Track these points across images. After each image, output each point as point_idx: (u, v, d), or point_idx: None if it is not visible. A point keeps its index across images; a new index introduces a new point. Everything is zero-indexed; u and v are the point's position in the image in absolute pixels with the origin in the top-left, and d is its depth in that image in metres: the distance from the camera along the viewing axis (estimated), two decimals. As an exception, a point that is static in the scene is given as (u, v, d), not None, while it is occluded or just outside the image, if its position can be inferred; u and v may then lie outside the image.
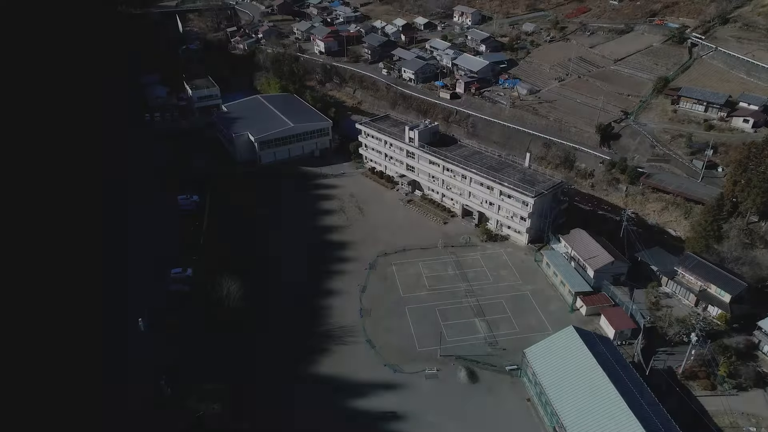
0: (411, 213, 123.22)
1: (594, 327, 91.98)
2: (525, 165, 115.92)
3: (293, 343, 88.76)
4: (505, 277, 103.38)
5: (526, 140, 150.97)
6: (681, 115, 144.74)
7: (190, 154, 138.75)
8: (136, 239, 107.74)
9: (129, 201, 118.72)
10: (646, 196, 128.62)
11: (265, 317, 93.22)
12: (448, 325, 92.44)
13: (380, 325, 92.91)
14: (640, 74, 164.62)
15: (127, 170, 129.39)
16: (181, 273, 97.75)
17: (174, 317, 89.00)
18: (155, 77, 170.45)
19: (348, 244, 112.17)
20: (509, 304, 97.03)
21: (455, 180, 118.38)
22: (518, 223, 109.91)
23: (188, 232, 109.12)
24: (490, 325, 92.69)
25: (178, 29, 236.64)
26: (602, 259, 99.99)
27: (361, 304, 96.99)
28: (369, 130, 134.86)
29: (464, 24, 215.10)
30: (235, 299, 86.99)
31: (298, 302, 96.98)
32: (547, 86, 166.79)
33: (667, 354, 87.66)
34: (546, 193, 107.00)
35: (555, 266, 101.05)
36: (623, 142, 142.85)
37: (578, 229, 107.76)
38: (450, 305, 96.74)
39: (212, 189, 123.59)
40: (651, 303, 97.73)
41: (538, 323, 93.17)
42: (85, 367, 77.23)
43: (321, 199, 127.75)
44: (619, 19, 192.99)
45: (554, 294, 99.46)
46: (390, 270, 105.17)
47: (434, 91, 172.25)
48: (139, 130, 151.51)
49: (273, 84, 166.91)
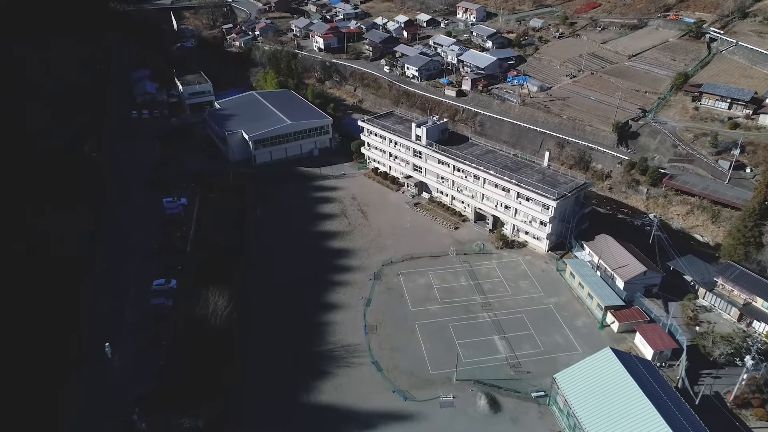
0: (418, 217, 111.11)
1: (628, 346, 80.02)
2: (544, 165, 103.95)
3: (288, 365, 76.55)
4: (525, 288, 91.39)
5: (538, 139, 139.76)
6: (703, 113, 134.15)
7: (179, 154, 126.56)
8: (110, 246, 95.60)
9: (106, 203, 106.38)
10: (669, 198, 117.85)
11: (257, 335, 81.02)
12: (464, 344, 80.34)
13: (387, 343, 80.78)
14: (657, 70, 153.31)
15: (107, 169, 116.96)
16: (164, 285, 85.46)
17: (154, 335, 76.62)
18: (145, 72, 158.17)
19: (350, 252, 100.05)
20: (531, 319, 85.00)
21: (467, 181, 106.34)
22: (538, 229, 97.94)
23: (173, 238, 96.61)
24: (511, 344, 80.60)
25: (173, 27, 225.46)
26: (633, 269, 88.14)
27: (365, 319, 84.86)
28: (372, 127, 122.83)
29: (468, 20, 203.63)
30: (222, 315, 74.67)
31: (294, 317, 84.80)
32: (559, 83, 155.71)
33: (712, 377, 75.82)
34: (569, 195, 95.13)
35: (581, 276, 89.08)
36: (642, 142, 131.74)
37: (604, 235, 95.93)
38: (465, 320, 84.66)
39: (202, 191, 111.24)
40: (688, 318, 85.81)
41: (564, 341, 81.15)
42: (45, 399, 65.00)
43: (320, 202, 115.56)
44: (631, 14, 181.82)
45: (581, 308, 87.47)
46: (397, 280, 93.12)
47: (439, 89, 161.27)
48: (125, 127, 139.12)
49: (270, 79, 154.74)
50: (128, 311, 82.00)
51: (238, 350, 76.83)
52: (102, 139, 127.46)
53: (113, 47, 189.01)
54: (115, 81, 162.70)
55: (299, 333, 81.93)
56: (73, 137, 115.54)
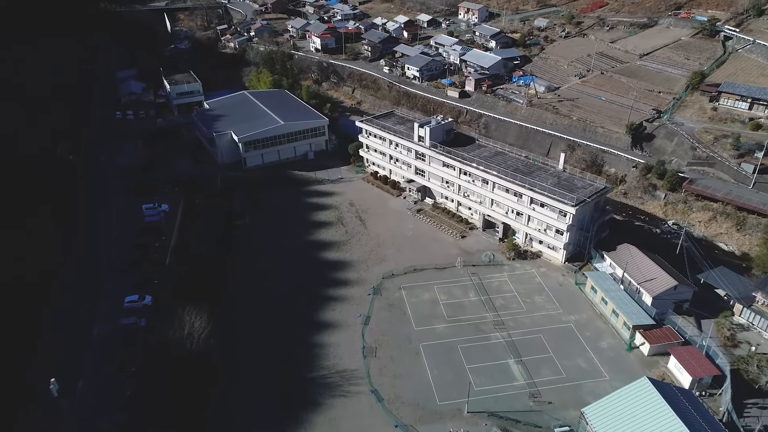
0: (421, 225, 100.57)
1: (661, 372, 69.44)
2: (559, 167, 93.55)
3: (276, 396, 65.83)
4: (541, 304, 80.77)
5: (547, 142, 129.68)
6: (722, 113, 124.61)
7: (164, 157, 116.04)
8: (79, 257, 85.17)
9: (77, 209, 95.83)
10: (689, 204, 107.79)
11: (240, 360, 70.28)
12: (475, 369, 69.69)
13: (389, 369, 70.07)
14: (670, 70, 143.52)
15: (83, 172, 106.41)
16: (137, 302, 74.70)
17: (122, 362, 65.83)
18: (131, 72, 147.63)
19: (346, 264, 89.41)
20: (550, 340, 74.36)
21: (475, 185, 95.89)
22: (553, 238, 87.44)
23: (151, 248, 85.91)
24: (529, 369, 69.92)
25: (166, 28, 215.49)
26: (663, 283, 77.70)
27: (363, 340, 74.16)
28: (371, 128, 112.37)
29: (470, 21, 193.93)
30: (200, 338, 63.97)
31: (284, 338, 74.12)
32: (567, 83, 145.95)
33: (758, 408, 65.24)
34: (588, 200, 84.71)
35: (603, 291, 78.51)
36: (658, 144, 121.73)
37: (627, 245, 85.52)
38: (476, 341, 74.00)
39: (186, 197, 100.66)
40: (724, 338, 75.22)
41: (589, 366, 70.50)
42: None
43: (315, 209, 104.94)
44: (641, 13, 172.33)
45: (605, 327, 76.83)
46: (398, 295, 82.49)
47: (441, 90, 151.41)
48: (107, 128, 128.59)
49: (264, 78, 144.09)
50: (96, 332, 71.21)
51: (217, 378, 66.11)
52: (81, 141, 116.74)
53: (103, 48, 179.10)
54: (101, 81, 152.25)
55: (289, 357, 71.19)
56: (48, 139, 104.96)
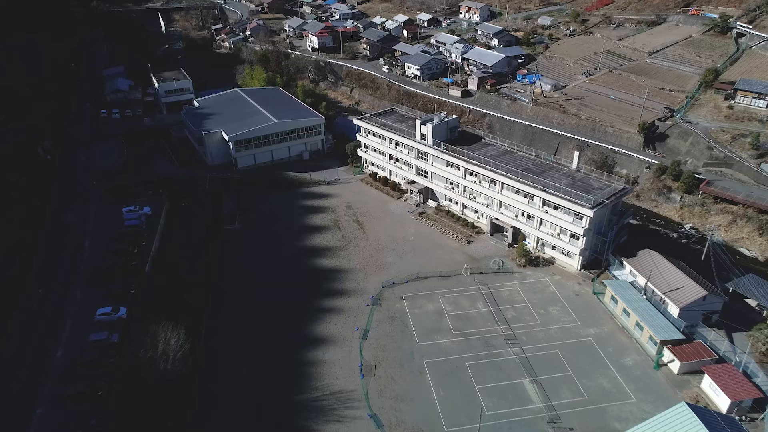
0: (424, 229, 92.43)
1: (694, 393, 61.30)
2: (573, 167, 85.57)
3: (261, 421, 57.60)
4: (557, 316, 72.59)
5: (554, 142, 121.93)
6: (739, 112, 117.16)
7: (150, 157, 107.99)
8: (51, 265, 77.12)
9: (53, 211, 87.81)
10: (707, 207, 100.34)
11: (221, 380, 62.07)
12: (486, 390, 61.49)
13: (390, 390, 61.81)
14: (682, 67, 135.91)
15: (58, 173, 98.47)
16: (110, 315, 66.39)
17: (87, 386, 57.43)
18: (119, 69, 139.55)
19: (343, 271, 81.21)
20: (568, 356, 66.15)
21: (482, 186, 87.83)
22: (568, 243, 79.34)
23: (130, 254, 77.58)
24: (546, 390, 61.73)
25: (161, 29, 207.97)
26: (691, 293, 69.58)
27: (361, 357, 65.95)
28: (370, 126, 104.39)
29: (472, 20, 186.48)
30: (176, 359, 55.71)
31: (271, 354, 65.93)
32: (574, 81, 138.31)
33: (805, 435, 57.14)
34: (607, 202, 76.69)
35: (626, 302, 70.35)
36: (671, 144, 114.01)
37: (649, 251, 77.43)
38: (486, 358, 65.79)
39: (171, 199, 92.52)
40: (760, 353, 67.07)
41: (613, 386, 62.30)
42: None
43: (310, 212, 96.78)
44: (648, 11, 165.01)
45: (628, 341, 68.65)
46: (400, 306, 74.31)
47: (442, 89, 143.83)
48: (91, 127, 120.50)
49: (258, 75, 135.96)
50: (60, 352, 62.86)
51: (194, 403, 57.85)
52: (61, 141, 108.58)
53: (95, 48, 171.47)
54: (87, 80, 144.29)
55: (278, 375, 62.98)
56: (25, 139, 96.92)
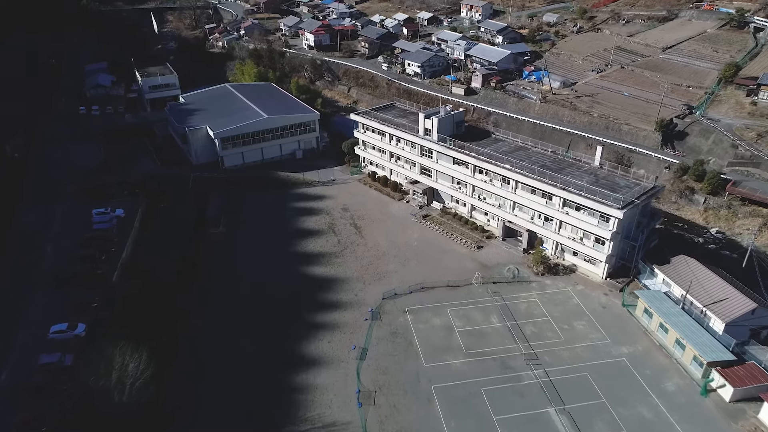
0: (428, 233, 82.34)
1: (751, 425, 51.14)
2: (595, 164, 75.68)
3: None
4: (584, 332, 62.48)
5: (565, 141, 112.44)
6: (763, 108, 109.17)
7: (131, 156, 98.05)
8: (5, 273, 67.02)
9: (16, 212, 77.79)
10: (734, 209, 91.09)
11: (196, 410, 51.77)
12: (505, 422, 51.28)
13: (392, 421, 51.56)
14: (698, 63, 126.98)
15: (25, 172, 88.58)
16: (66, 332, 56.04)
17: (30, 419, 47.12)
18: (101, 65, 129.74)
19: (338, 281, 71.01)
20: (599, 380, 56.00)
21: (493, 186, 77.87)
22: (592, 248, 69.36)
23: (96, 261, 67.32)
24: (576, 421, 51.54)
25: (153, 29, 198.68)
26: (737, 305, 59.64)
27: (359, 382, 55.71)
28: (369, 122, 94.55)
29: (473, 18, 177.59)
30: (134, 388, 45.38)
31: (256, 379, 55.65)
32: (584, 78, 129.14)
33: None
34: (638, 202, 66.83)
35: (663, 316, 60.35)
36: (692, 142, 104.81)
37: (684, 257, 67.55)
38: (504, 383, 55.64)
39: (149, 201, 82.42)
40: (819, 375, 57.10)
41: (655, 417, 52.12)
42: None
43: (303, 215, 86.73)
44: (658, 6, 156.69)
45: (667, 362, 58.55)
46: (403, 321, 64.17)
47: (445, 87, 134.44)
48: (69, 125, 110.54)
49: (249, 70, 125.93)
50: (4, 374, 52.51)
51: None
52: (34, 139, 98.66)
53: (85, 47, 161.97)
54: (70, 77, 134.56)
55: (263, 404, 52.69)
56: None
